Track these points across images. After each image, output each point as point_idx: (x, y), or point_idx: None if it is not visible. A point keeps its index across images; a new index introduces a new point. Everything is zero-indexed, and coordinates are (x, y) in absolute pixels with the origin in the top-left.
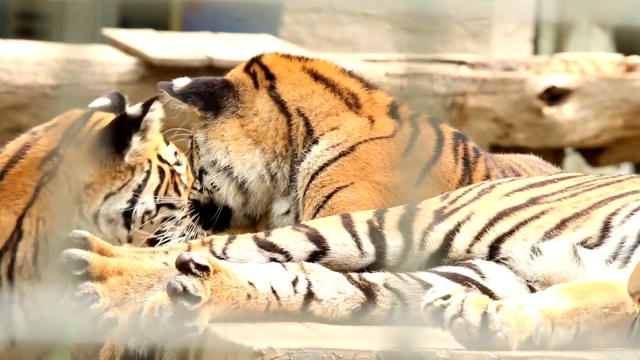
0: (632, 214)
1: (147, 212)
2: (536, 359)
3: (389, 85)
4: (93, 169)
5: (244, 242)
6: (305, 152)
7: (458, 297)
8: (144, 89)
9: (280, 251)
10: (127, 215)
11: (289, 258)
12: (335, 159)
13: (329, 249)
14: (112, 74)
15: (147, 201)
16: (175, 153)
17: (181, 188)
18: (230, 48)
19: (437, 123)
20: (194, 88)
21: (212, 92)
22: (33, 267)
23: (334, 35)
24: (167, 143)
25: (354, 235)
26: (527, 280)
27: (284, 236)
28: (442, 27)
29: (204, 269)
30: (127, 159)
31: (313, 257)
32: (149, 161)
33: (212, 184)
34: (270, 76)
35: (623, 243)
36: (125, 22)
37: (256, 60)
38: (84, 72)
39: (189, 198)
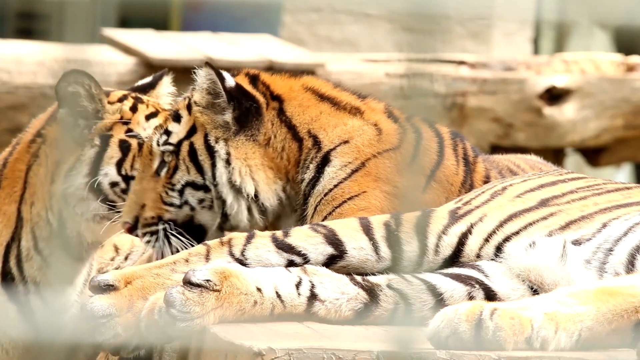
0: (628, 220)
1: (114, 184)
2: (536, 359)
3: (389, 85)
4: (62, 145)
5: (263, 243)
6: (318, 174)
7: (449, 314)
8: None
9: (299, 253)
10: (95, 190)
11: (306, 261)
12: (349, 176)
13: (346, 253)
14: (111, 73)
15: (109, 173)
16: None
17: None
18: (230, 48)
19: (433, 124)
20: (241, 95)
21: (248, 108)
22: (37, 255)
23: (334, 35)
24: (155, 115)
25: (372, 239)
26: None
27: (302, 237)
28: (442, 27)
29: (209, 281)
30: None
31: (330, 261)
32: (102, 136)
33: (202, 200)
34: (275, 97)
35: (609, 237)
36: (125, 22)
37: (256, 75)
38: None
39: (161, 218)
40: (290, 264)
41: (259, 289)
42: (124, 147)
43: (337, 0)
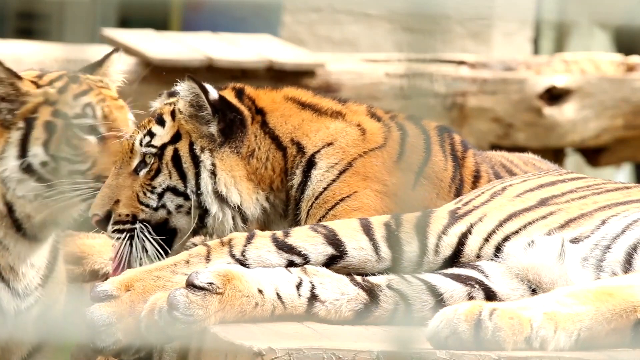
0: (627, 217)
1: (44, 164)
2: (536, 359)
3: (389, 85)
4: None
5: (263, 243)
6: (305, 178)
7: (448, 314)
8: (144, 88)
9: (299, 254)
10: (29, 171)
11: (307, 261)
12: (337, 177)
13: (346, 253)
14: None
15: (38, 153)
16: (87, 105)
17: (76, 141)
18: (230, 48)
19: (418, 121)
20: (225, 107)
21: (232, 120)
22: None
23: (334, 35)
24: (86, 93)
25: (372, 239)
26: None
27: (303, 237)
28: (442, 27)
29: (212, 284)
30: None
31: (331, 261)
32: (27, 119)
33: (181, 206)
34: (259, 110)
35: (607, 234)
36: (125, 22)
37: (242, 90)
38: None
39: (136, 217)
40: (291, 264)
41: (260, 291)
42: (50, 127)
43: (337, 0)
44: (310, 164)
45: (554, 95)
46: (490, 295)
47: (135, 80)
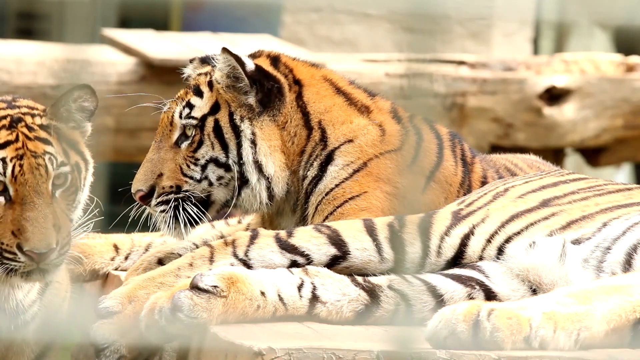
0: (628, 220)
1: None
2: (536, 359)
3: (389, 85)
4: None
5: (266, 242)
6: (321, 172)
7: (447, 315)
8: (144, 89)
9: (302, 254)
10: None
11: (310, 261)
12: (350, 175)
13: (349, 254)
14: (112, 74)
15: None
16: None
17: None
18: (230, 48)
19: (433, 125)
20: (262, 77)
21: (270, 89)
22: None
23: (334, 35)
24: None
25: (375, 240)
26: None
27: (306, 237)
28: (442, 27)
29: (216, 287)
30: None
31: (333, 261)
32: None
33: (221, 177)
34: (297, 81)
35: (608, 236)
36: (125, 22)
37: (277, 58)
38: (84, 72)
39: (180, 188)
40: (294, 264)
41: (262, 293)
42: None
43: (337, 0)
44: (329, 159)
45: (554, 95)
46: (490, 296)
47: (135, 81)
